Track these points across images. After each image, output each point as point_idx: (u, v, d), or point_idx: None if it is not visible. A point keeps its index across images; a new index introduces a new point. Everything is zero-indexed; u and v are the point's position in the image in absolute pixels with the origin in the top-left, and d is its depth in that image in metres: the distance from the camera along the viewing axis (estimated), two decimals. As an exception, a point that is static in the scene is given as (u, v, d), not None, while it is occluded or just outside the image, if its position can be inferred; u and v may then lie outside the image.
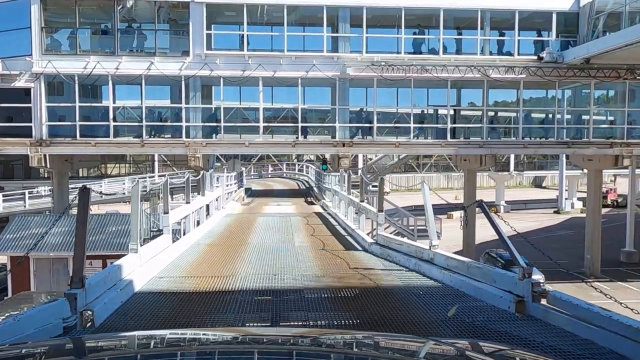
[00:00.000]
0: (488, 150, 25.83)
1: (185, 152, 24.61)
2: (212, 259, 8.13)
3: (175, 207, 11.92)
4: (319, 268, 7.36)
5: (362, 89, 26.99)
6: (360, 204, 11.24)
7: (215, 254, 8.89)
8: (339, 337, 2.51)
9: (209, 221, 12.97)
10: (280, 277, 6.80)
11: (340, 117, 25.35)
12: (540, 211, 57.61)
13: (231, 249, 9.76)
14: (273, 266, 7.49)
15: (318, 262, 8.06)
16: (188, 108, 24.76)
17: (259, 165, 54.49)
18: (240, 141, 25.26)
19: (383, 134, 25.96)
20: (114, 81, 24.64)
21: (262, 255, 8.74)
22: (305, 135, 25.21)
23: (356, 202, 11.87)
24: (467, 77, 24.91)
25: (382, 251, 8.63)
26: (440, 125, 26.23)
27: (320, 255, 9.00)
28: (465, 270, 5.90)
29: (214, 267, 7.67)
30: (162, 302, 5.90)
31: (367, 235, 10.18)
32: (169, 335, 2.51)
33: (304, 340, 2.33)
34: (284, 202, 23.26)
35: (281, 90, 27.22)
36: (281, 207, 17.67)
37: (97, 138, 24.36)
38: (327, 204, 16.97)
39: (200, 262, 8.10)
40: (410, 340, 2.63)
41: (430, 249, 7.02)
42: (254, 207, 20.15)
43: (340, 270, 7.22)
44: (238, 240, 10.95)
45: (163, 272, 6.94)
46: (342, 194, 13.21)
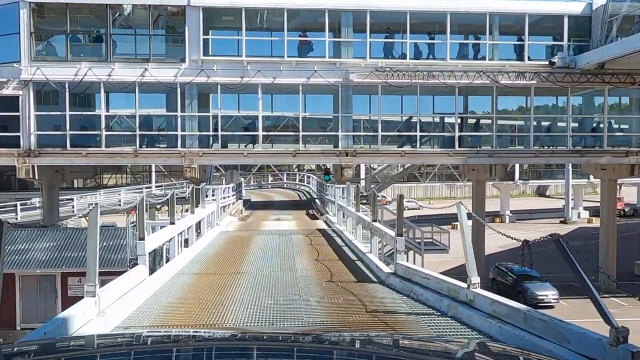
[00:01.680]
0: (498, 160, 24.68)
1: (180, 163, 23.47)
2: (194, 298, 6.69)
3: (163, 224, 10.74)
4: (326, 311, 5.96)
5: (366, 97, 25.95)
6: (373, 225, 9.72)
7: (200, 290, 7.40)
8: (338, 336, 2.45)
9: (199, 242, 11.49)
10: (279, 324, 5.48)
11: (343, 125, 24.22)
12: (546, 221, 56.37)
13: (221, 281, 8.27)
14: (269, 309, 6.09)
15: (325, 301, 6.66)
16: (184, 116, 23.65)
17: (258, 175, 53.37)
18: (239, 151, 24.13)
19: (385, 143, 24.80)
20: (106, 89, 23.58)
21: (257, 291, 7.30)
22: (305, 145, 24.10)
23: (367, 221, 10.30)
24: (476, 83, 23.82)
25: (403, 285, 7.10)
26: (447, 133, 25.11)
27: (327, 290, 7.56)
28: (521, 321, 4.37)
29: (195, 312, 6.25)
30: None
31: (380, 261, 8.49)
32: (173, 334, 2.67)
33: (303, 339, 2.30)
34: (285, 216, 21.97)
35: (281, 98, 26.16)
36: (281, 223, 16.20)
37: (88, 148, 23.23)
38: (330, 219, 15.88)
39: (179, 304, 6.63)
40: (411, 339, 2.56)
41: (470, 287, 5.64)
42: (251, 223, 18.34)
43: (353, 314, 5.79)
44: (230, 268, 9.50)
45: (130, 320, 5.56)
46: (350, 210, 11.74)
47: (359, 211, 11.16)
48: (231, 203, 22.35)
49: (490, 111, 25.31)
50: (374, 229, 9.56)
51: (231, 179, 25.36)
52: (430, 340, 2.54)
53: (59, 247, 22.45)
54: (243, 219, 20.09)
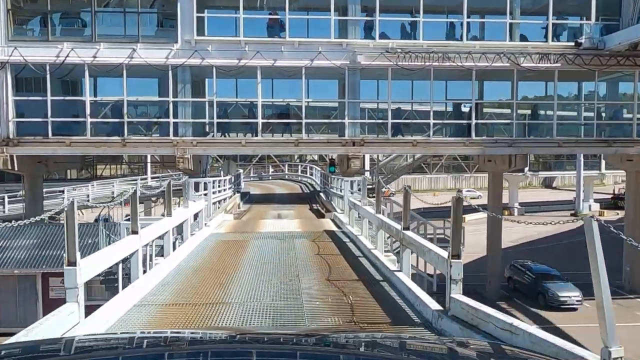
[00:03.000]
0: (518, 150, 22.66)
1: (173, 153, 21.50)
2: None
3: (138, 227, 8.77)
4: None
5: (374, 82, 23.92)
6: (407, 236, 7.13)
7: None
8: (342, 337, 2.39)
9: (178, 253, 9.12)
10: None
11: (350, 112, 22.20)
12: (555, 213, 54.55)
13: (195, 317, 5.97)
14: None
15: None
16: (176, 102, 21.65)
17: (259, 166, 51.38)
18: (236, 140, 22.15)
19: (393, 132, 22.76)
20: (92, 72, 21.55)
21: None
22: (308, 134, 22.09)
23: (395, 229, 7.90)
24: (495, 66, 21.74)
25: (464, 334, 4.79)
26: (463, 121, 23.09)
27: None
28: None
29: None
30: None
31: (421, 289, 6.22)
32: (170, 335, 2.59)
33: (304, 340, 2.24)
34: (286, 212, 19.92)
35: (282, 84, 24.15)
36: (282, 222, 14.22)
37: (72, 137, 21.27)
38: (340, 218, 13.57)
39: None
40: (412, 339, 2.60)
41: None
42: (248, 222, 15.73)
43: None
44: (212, 295, 7.03)
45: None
46: (367, 211, 9.65)
47: (380, 212, 8.95)
48: (227, 197, 20.39)
49: (510, 97, 23.29)
50: (409, 241, 7.07)
51: (228, 170, 23.37)
52: (439, 342, 2.45)
53: (39, 245, 20.60)
54: (239, 215, 18.04)
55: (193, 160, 21.92)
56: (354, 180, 13.97)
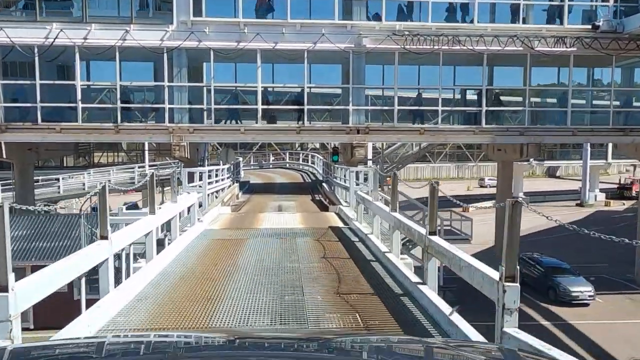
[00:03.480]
0: (530, 139, 21.61)
1: (168, 140, 20.48)
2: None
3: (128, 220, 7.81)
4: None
5: (379, 68, 22.83)
6: (434, 242, 5.73)
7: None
8: (338, 339, 2.37)
9: (165, 255, 7.91)
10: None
11: (355, 98, 21.13)
12: (560, 203, 53.63)
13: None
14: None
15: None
16: (172, 87, 20.58)
17: (259, 154, 50.34)
18: (235, 127, 21.11)
19: (399, 120, 21.69)
20: (83, 55, 20.48)
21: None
22: (310, 121, 21.04)
23: (419, 233, 6.46)
24: (508, 50, 20.61)
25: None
26: (473, 108, 22.02)
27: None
28: None
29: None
30: None
31: (458, 314, 4.90)
32: (168, 337, 2.47)
33: (304, 342, 2.23)
34: (287, 203, 18.88)
35: (283, 68, 23.04)
36: (283, 216, 13.44)
37: (62, 123, 20.23)
38: (346, 212, 12.28)
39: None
40: (412, 341, 2.51)
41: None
42: (246, 216, 14.31)
43: None
44: (197, 314, 5.78)
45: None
46: (380, 208, 8.46)
47: (396, 210, 7.95)
48: (226, 187, 19.40)
49: (522, 84, 22.19)
50: (438, 251, 5.60)
51: (226, 158, 22.34)
52: (444, 345, 2.33)
53: (29, 236, 19.67)
54: (237, 207, 17.00)
55: (190, 148, 20.93)
56: (359, 171, 12.93)
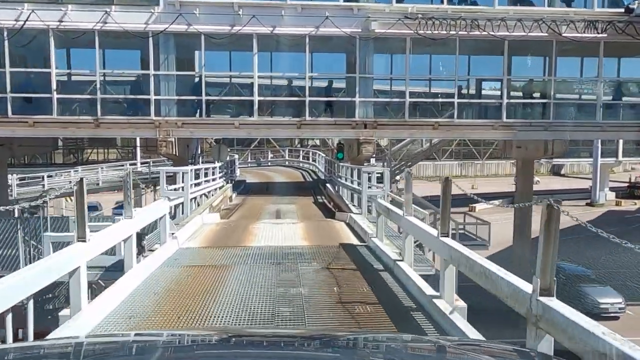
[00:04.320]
0: (556, 135, 19.50)
1: (154, 135, 18.37)
2: None
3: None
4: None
5: (387, 57, 20.74)
6: (554, 312, 3.26)
7: None
8: (338, 338, 2.30)
9: (103, 301, 5.43)
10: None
11: (361, 89, 19.02)
12: (569, 203, 51.40)
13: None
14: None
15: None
16: (158, 76, 18.45)
17: (257, 151, 48.14)
18: (228, 121, 19.01)
19: (407, 113, 19.57)
20: (62, 41, 18.36)
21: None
22: (312, 116, 18.90)
23: (487, 269, 4.38)
24: (532, 36, 18.48)
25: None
26: (493, 100, 19.94)
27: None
28: None
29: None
30: None
31: None
32: (165, 337, 2.36)
33: (303, 341, 2.16)
34: (287, 207, 16.63)
35: (282, 57, 20.89)
36: (282, 228, 10.47)
37: (35, 116, 18.11)
38: (357, 222, 9.98)
39: None
40: (411, 340, 2.41)
41: None
42: (237, 226, 11.38)
43: None
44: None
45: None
46: (420, 229, 5.96)
47: (448, 234, 5.35)
48: (217, 187, 17.27)
49: (546, 74, 20.09)
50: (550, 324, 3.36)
51: (218, 156, 20.21)
52: (448, 344, 2.27)
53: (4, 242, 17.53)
54: (228, 213, 14.73)
55: (178, 145, 18.82)
56: (372, 171, 10.79)
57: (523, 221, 22.02)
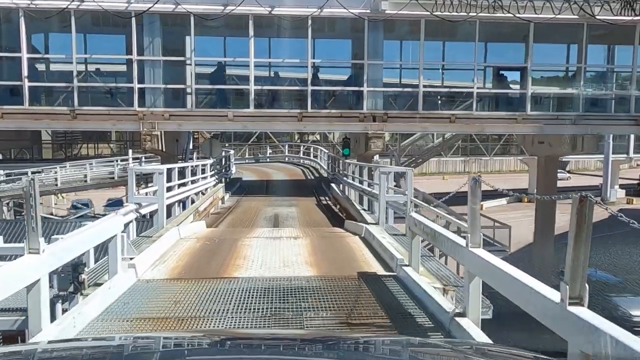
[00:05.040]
0: (585, 129, 17.52)
1: (137, 128, 16.37)
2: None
3: None
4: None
5: (397, 44, 18.71)
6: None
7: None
8: (337, 339, 2.23)
9: None
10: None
11: (371, 78, 17.02)
12: (568, 201, 49.57)
13: None
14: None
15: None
16: (142, 62, 16.43)
17: (256, 147, 46.14)
18: (221, 113, 16.99)
19: (420, 105, 17.57)
20: (32, 21, 16.36)
21: None
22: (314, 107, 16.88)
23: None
24: (561, 18, 16.47)
25: None
26: (516, 90, 17.94)
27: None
28: None
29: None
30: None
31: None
32: (163, 340, 2.27)
33: (302, 343, 2.14)
34: (287, 211, 14.50)
35: (282, 43, 18.87)
36: (280, 243, 8.27)
37: (4, 106, 16.12)
38: (377, 239, 7.69)
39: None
40: (413, 343, 2.40)
41: None
42: (222, 242, 8.61)
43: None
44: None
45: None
46: (511, 276, 3.65)
47: (480, 246, 3.87)
48: (207, 187, 15.26)
49: (575, 61, 18.11)
50: None
51: (210, 151, 18.17)
52: (447, 346, 2.30)
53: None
54: (217, 219, 12.53)
55: (165, 139, 16.84)
56: (388, 172, 8.78)
57: (546, 220, 20.09)
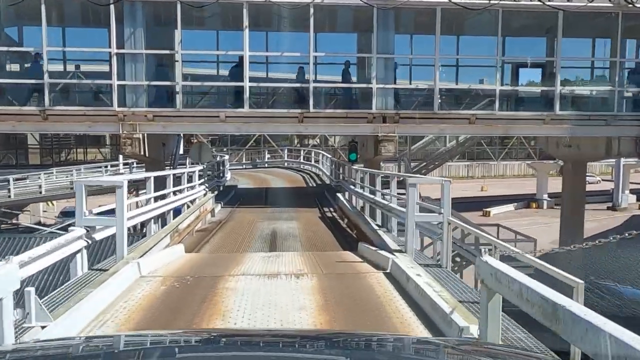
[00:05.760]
0: (621, 131, 15.58)
1: (116, 130, 14.43)
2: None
3: None
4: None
5: (406, 39, 16.86)
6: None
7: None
8: (337, 338, 2.20)
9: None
10: None
11: (380, 74, 15.08)
12: (590, 207, 47.55)
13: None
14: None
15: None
16: (122, 55, 14.50)
17: (254, 151, 44.18)
18: (212, 113, 15.06)
19: (437, 104, 15.64)
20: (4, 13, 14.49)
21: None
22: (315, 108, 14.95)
23: None
24: (593, 6, 14.59)
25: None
26: (546, 87, 16.05)
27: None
28: None
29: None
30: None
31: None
32: (160, 338, 2.24)
33: (303, 341, 2.06)
34: (286, 226, 12.29)
35: (280, 37, 17.02)
36: (277, 286, 6.06)
37: (-36, 106, 14.17)
38: (417, 284, 5.43)
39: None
40: (411, 341, 2.37)
41: None
42: (200, 280, 6.45)
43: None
44: None
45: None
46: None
47: None
48: (196, 198, 13.25)
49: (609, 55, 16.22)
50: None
51: (198, 157, 16.15)
52: (445, 343, 2.28)
53: None
54: (200, 239, 10.14)
55: (149, 142, 14.88)
56: (414, 183, 6.75)
57: (573, 228, 18.18)
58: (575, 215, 17.75)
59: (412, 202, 6.52)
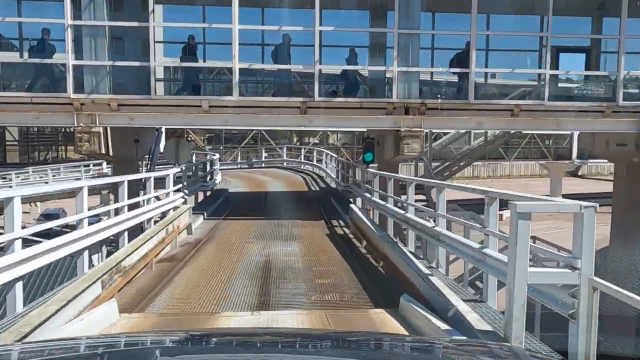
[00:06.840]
0: (698, 126, 12.59)
1: (70, 122, 11.43)
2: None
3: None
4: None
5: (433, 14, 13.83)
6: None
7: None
8: (336, 337, 2.22)
9: None
10: None
11: (402, 57, 12.07)
12: (605, 209, 44.88)
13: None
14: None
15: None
16: (79, 28, 11.50)
17: (251, 149, 41.12)
18: (193, 102, 12.03)
19: (472, 94, 12.63)
20: None
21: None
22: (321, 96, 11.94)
23: None
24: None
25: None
26: (604, 72, 13.09)
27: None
28: None
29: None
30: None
31: None
32: (159, 338, 2.22)
33: (301, 340, 2.04)
34: (285, 253, 8.63)
35: (279, 15, 14.01)
36: None
37: None
38: None
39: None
40: (410, 340, 2.40)
41: None
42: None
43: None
44: None
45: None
46: None
47: None
48: (171, 207, 10.20)
49: None
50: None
51: (175, 157, 13.03)
52: (448, 344, 2.19)
53: None
54: (151, 288, 6.13)
55: (115, 138, 11.87)
56: (524, 211, 3.74)
57: (626, 232, 15.28)
58: (630, 215, 14.88)
59: (522, 248, 3.39)
